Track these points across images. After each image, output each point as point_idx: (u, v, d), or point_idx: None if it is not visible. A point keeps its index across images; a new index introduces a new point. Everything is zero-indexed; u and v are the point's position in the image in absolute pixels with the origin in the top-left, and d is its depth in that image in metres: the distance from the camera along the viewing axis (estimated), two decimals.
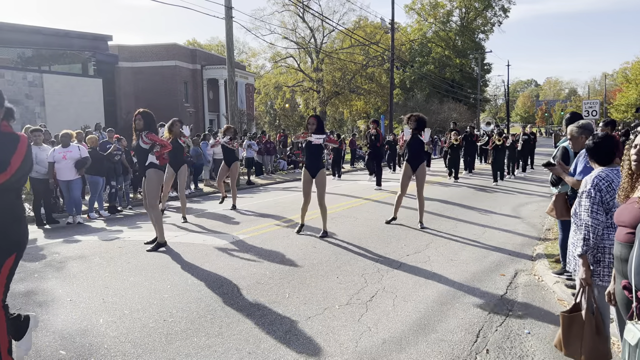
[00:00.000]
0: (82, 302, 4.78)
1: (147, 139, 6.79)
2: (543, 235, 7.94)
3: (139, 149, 6.88)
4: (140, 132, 6.83)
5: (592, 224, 3.14)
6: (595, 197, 3.15)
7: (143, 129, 6.82)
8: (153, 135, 6.89)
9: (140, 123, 6.81)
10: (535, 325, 4.30)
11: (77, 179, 9.27)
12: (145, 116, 6.87)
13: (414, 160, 8.53)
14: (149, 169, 6.86)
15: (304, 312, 4.46)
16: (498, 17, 56.38)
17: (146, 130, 6.81)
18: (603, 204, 3.16)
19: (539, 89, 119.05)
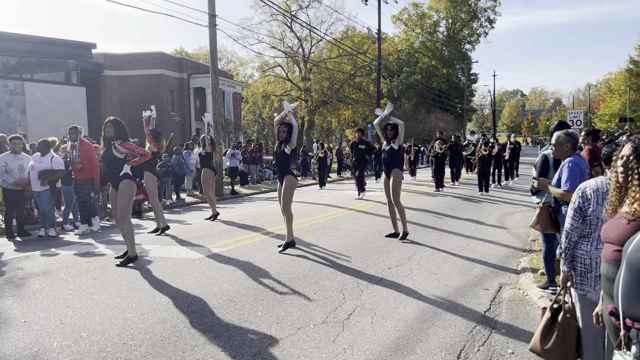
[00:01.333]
0: (38, 323, 4.45)
1: (122, 148, 6.58)
2: (528, 247, 7.76)
3: (112, 158, 6.60)
4: (113, 141, 6.59)
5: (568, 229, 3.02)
6: (574, 203, 3.01)
7: (114, 138, 6.61)
8: (130, 145, 6.70)
9: (111, 131, 6.59)
10: (520, 344, 4.08)
11: (45, 191, 8.87)
12: (117, 124, 6.66)
13: (387, 168, 8.36)
14: (123, 180, 6.59)
15: (277, 333, 4.20)
16: (484, 28, 57.03)
17: (119, 139, 6.60)
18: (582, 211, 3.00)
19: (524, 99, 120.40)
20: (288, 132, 7.46)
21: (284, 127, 7.51)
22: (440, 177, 16.17)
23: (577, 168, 4.44)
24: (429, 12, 55.93)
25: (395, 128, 8.34)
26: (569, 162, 4.50)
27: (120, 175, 6.60)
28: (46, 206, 8.86)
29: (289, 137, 7.47)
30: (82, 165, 9.04)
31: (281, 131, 7.46)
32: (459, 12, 55.06)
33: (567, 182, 4.40)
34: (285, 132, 7.44)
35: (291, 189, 7.47)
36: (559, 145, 4.62)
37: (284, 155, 7.46)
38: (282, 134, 7.45)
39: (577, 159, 4.57)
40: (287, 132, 7.45)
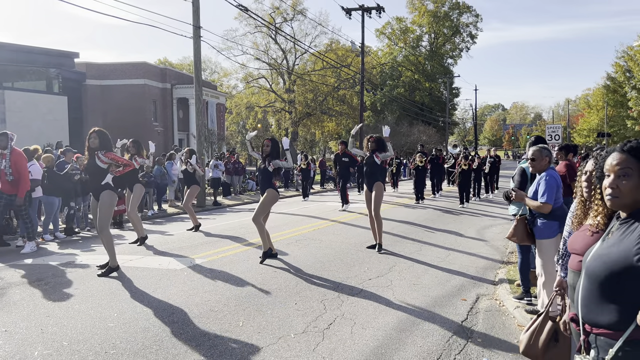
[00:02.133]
0: (19, 332, 4.45)
1: (105, 158, 6.66)
2: (506, 259, 7.94)
3: (95, 168, 6.67)
4: (96, 151, 6.66)
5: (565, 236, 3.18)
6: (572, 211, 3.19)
7: (99, 148, 6.68)
8: (114, 155, 6.80)
9: (95, 142, 6.66)
10: (494, 352, 4.21)
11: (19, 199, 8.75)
12: (101, 135, 6.73)
13: (369, 181, 8.44)
14: (104, 190, 6.64)
15: (257, 342, 4.26)
16: (466, 43, 58.12)
17: (103, 150, 6.68)
18: None
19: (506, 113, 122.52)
20: (272, 146, 7.55)
21: (268, 141, 7.62)
22: (420, 190, 16.38)
23: (554, 181, 4.66)
24: (412, 26, 56.84)
25: (378, 141, 8.47)
26: (545, 175, 4.71)
27: (102, 184, 6.64)
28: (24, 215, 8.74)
29: (273, 151, 7.54)
30: (13, 177, 8.23)
31: (265, 145, 7.57)
32: (441, 27, 56.06)
33: (544, 194, 4.60)
34: (269, 146, 7.54)
35: (269, 202, 7.51)
36: (539, 160, 4.82)
37: (266, 171, 7.53)
38: (266, 148, 7.55)
39: (554, 172, 4.79)
40: (271, 146, 7.54)
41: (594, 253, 2.03)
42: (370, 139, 8.57)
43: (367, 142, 8.57)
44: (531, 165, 4.88)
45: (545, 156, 4.82)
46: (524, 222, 4.96)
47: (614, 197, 1.98)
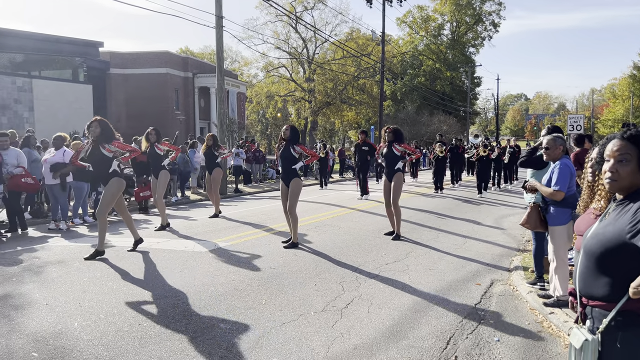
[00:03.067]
0: (59, 305, 4.80)
1: (111, 147, 6.76)
2: (522, 247, 8.06)
3: (100, 157, 6.78)
4: (100, 141, 6.76)
5: None
6: None
7: (99, 137, 6.76)
8: (119, 143, 6.87)
9: (96, 131, 6.75)
10: (505, 333, 4.38)
11: (56, 184, 9.21)
12: (102, 124, 6.82)
13: (390, 171, 8.55)
14: (112, 177, 6.80)
15: (279, 318, 4.52)
16: (488, 31, 57.35)
17: (105, 139, 6.77)
18: None
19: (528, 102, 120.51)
20: (292, 131, 7.69)
21: (288, 126, 7.77)
22: (440, 179, 16.45)
23: (568, 170, 4.80)
24: (434, 15, 56.28)
25: (395, 132, 8.59)
26: (560, 163, 4.85)
27: (109, 172, 6.79)
28: (61, 199, 9.19)
29: (293, 136, 7.66)
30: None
31: (286, 129, 7.70)
32: (463, 15, 55.37)
33: (557, 182, 4.74)
34: (289, 130, 7.66)
35: (297, 193, 7.65)
36: (553, 149, 4.96)
37: (291, 157, 7.61)
38: (286, 131, 7.66)
39: (567, 161, 4.92)
40: (290, 130, 7.66)
41: (592, 232, 2.21)
42: (387, 129, 8.71)
43: (384, 133, 8.73)
44: (545, 154, 5.02)
45: (559, 145, 4.95)
46: (537, 210, 5.11)
47: (613, 181, 2.15)
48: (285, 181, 7.70)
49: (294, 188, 7.61)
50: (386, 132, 8.67)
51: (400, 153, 8.50)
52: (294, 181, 7.61)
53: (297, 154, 7.63)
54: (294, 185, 7.61)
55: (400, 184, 8.50)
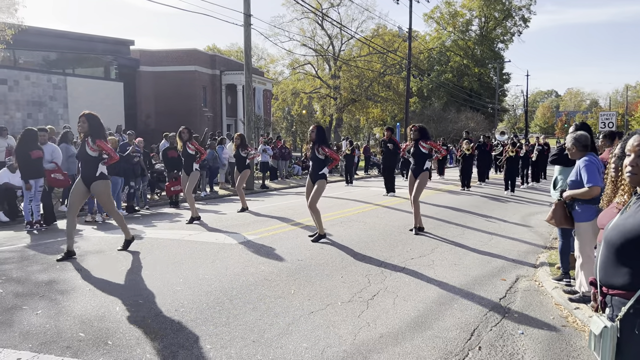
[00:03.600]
0: (100, 291, 5.10)
1: (94, 145, 6.26)
2: (549, 244, 8.04)
3: (86, 155, 6.32)
4: (86, 137, 6.30)
5: None
6: None
7: (88, 133, 6.27)
8: (102, 143, 6.29)
9: (84, 126, 6.25)
10: (530, 326, 4.46)
11: None
12: (90, 119, 6.30)
13: (417, 169, 8.65)
14: (98, 180, 6.36)
15: (307, 307, 4.70)
16: (518, 26, 56.30)
17: (92, 135, 6.27)
18: None
19: (559, 99, 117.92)
20: (317, 132, 7.82)
21: (313, 127, 7.92)
22: (466, 177, 16.38)
23: (593, 165, 4.88)
24: (462, 10, 55.56)
25: (421, 130, 8.65)
26: (583, 161, 4.91)
27: (96, 175, 6.36)
28: None
29: (318, 137, 7.77)
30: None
31: (312, 131, 7.84)
32: (492, 10, 54.52)
33: (588, 179, 4.82)
34: (314, 132, 7.80)
35: (321, 191, 7.85)
36: (570, 149, 5.11)
37: (318, 158, 7.78)
38: (312, 134, 7.81)
39: (591, 157, 4.97)
40: (316, 132, 7.80)
41: (612, 224, 2.30)
42: (412, 128, 8.78)
43: (410, 132, 8.82)
44: (569, 153, 5.14)
45: (574, 145, 5.10)
46: (563, 206, 5.16)
47: (633, 174, 2.24)
48: (313, 178, 7.92)
49: (319, 186, 7.81)
50: (412, 130, 8.76)
51: (428, 150, 8.58)
52: (320, 181, 7.81)
53: (322, 155, 7.77)
54: (319, 184, 7.81)
55: (424, 182, 8.64)
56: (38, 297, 4.92)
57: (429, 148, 8.61)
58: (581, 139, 5.03)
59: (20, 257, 6.66)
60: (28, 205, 8.78)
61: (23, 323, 4.24)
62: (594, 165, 4.86)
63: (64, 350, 3.70)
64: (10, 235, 8.30)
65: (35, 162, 8.66)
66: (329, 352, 3.77)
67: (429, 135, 8.70)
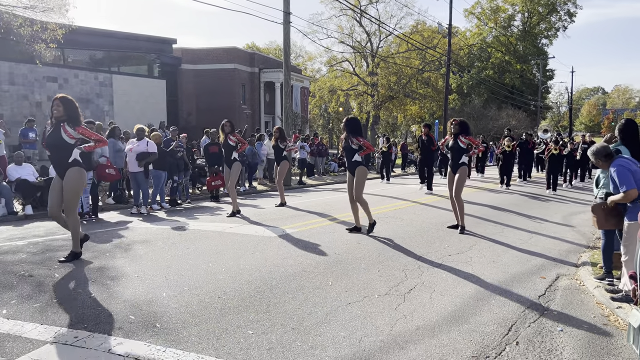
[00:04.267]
0: (148, 278, 5.36)
1: (75, 132, 5.79)
2: (592, 244, 7.86)
3: (59, 141, 5.78)
4: (62, 122, 5.78)
5: None
6: None
7: (64, 117, 5.77)
8: (84, 129, 5.88)
9: (59, 110, 5.75)
10: (569, 324, 4.41)
11: (140, 172, 10.01)
12: (66, 103, 5.78)
13: (455, 164, 8.56)
14: (72, 167, 5.81)
15: (345, 298, 4.81)
16: (563, 21, 54.53)
17: (69, 121, 5.79)
18: None
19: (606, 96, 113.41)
20: (348, 124, 7.98)
21: (345, 119, 8.12)
22: (507, 175, 16.09)
23: (623, 168, 4.94)
24: (504, 5, 54.22)
25: (462, 125, 8.59)
26: (613, 167, 4.97)
27: (69, 161, 5.82)
28: (143, 186, 10.00)
29: (350, 128, 7.93)
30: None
31: (345, 123, 8.06)
32: (536, 5, 52.98)
33: (621, 184, 4.84)
34: (347, 123, 8.00)
35: (362, 181, 7.97)
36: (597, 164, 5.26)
37: (351, 149, 7.97)
38: (345, 125, 8.02)
39: (619, 160, 5.02)
40: (346, 124, 7.98)
41: None
42: (453, 121, 8.74)
43: (450, 125, 8.79)
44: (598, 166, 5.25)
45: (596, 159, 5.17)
46: (601, 208, 5.16)
47: None
48: (351, 170, 8.03)
49: (359, 176, 7.92)
50: (452, 124, 8.72)
51: (466, 146, 8.50)
52: (358, 169, 7.92)
53: (356, 145, 7.91)
54: (358, 174, 7.92)
55: (464, 177, 8.53)
56: (90, 282, 5.22)
57: (468, 143, 8.52)
58: (600, 151, 5.19)
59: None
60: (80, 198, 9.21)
61: (78, 305, 4.53)
62: (625, 168, 4.94)
63: (116, 331, 3.94)
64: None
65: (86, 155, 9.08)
66: (366, 341, 3.86)
67: (470, 130, 8.64)
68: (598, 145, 5.22)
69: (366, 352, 3.68)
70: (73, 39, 19.63)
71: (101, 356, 3.51)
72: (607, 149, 5.10)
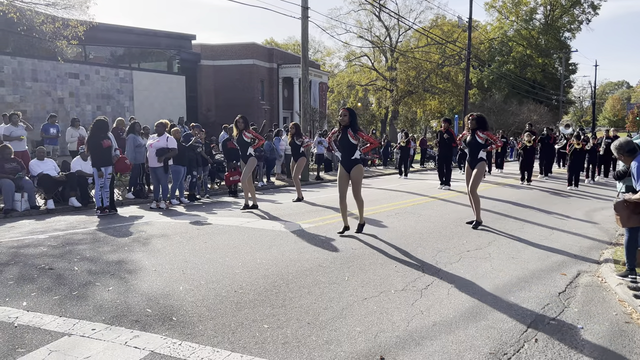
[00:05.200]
0: (165, 272, 5.41)
1: None
2: (615, 240, 7.68)
3: None
4: None
5: None
6: None
7: None
8: None
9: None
10: (590, 321, 4.32)
11: (160, 167, 10.10)
12: None
13: (472, 160, 8.44)
14: None
15: (361, 294, 4.78)
16: (587, 14, 53.36)
17: None
18: None
19: (631, 91, 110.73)
20: (351, 116, 7.28)
21: (345, 111, 7.33)
22: (527, 170, 15.82)
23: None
24: None
25: (479, 120, 8.46)
26: (634, 163, 4.88)
27: None
28: (163, 181, 10.11)
29: (352, 121, 7.24)
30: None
31: (342, 115, 7.30)
32: None
33: (638, 181, 4.74)
34: (347, 115, 7.25)
35: (359, 180, 7.36)
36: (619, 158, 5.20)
37: (350, 144, 7.22)
38: (344, 117, 7.24)
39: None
40: (348, 115, 7.26)
41: None
42: (471, 116, 8.61)
43: (467, 120, 8.66)
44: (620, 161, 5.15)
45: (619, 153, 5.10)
46: (624, 204, 5.05)
47: None
48: (346, 167, 7.35)
49: (356, 175, 7.32)
50: (469, 119, 8.59)
51: (484, 141, 8.38)
52: (356, 168, 7.29)
53: (356, 140, 7.23)
54: (355, 173, 7.31)
55: (481, 172, 8.41)
56: (109, 275, 5.29)
57: (485, 138, 8.40)
58: (623, 145, 5.09)
59: (92, 239, 7.15)
60: (99, 192, 9.36)
61: (96, 298, 4.59)
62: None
63: (133, 324, 3.98)
64: (82, 220, 8.90)
65: (105, 150, 9.22)
66: (382, 337, 3.83)
67: (487, 125, 8.50)
68: (622, 139, 5.12)
69: (382, 347, 3.65)
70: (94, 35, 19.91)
71: (117, 348, 3.55)
72: (630, 144, 4.99)
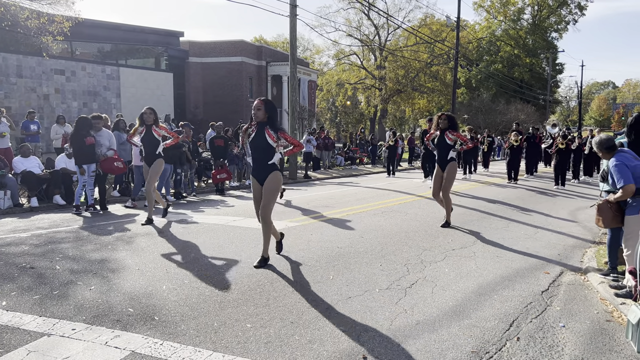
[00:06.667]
0: (148, 271, 5.36)
1: None
2: (598, 239, 7.77)
3: None
4: None
5: None
6: None
7: None
8: None
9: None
10: (572, 320, 4.36)
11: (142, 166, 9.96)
12: None
13: (442, 161, 8.22)
14: None
15: (346, 293, 4.78)
16: (573, 15, 53.82)
17: None
18: None
19: (616, 91, 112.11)
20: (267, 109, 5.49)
21: (260, 102, 5.47)
22: (514, 169, 15.94)
23: (620, 164, 4.96)
24: None
25: (450, 119, 8.21)
26: (612, 162, 4.97)
27: None
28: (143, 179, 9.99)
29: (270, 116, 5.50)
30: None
31: (256, 108, 5.43)
32: None
33: (618, 180, 4.88)
34: (261, 109, 5.44)
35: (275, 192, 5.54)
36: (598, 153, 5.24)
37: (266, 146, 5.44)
38: (258, 112, 5.42)
39: (618, 156, 5.02)
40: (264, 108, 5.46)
41: None
42: (441, 116, 8.28)
43: (437, 120, 8.27)
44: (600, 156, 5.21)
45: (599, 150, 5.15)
46: (608, 205, 5.09)
47: None
48: (259, 178, 5.56)
49: (271, 185, 5.49)
50: (441, 119, 8.23)
51: (453, 142, 8.21)
52: (271, 175, 5.50)
53: (275, 141, 5.45)
54: (270, 183, 5.49)
55: (453, 174, 8.21)
56: (91, 274, 5.23)
57: (454, 139, 8.22)
58: (603, 142, 5.19)
59: (75, 237, 7.06)
60: (80, 190, 9.23)
61: (77, 297, 4.53)
62: (622, 163, 4.94)
63: (114, 324, 3.94)
64: (66, 218, 8.79)
65: (88, 148, 9.11)
66: (365, 336, 3.83)
67: (457, 126, 8.44)
68: (603, 135, 5.17)
69: (365, 346, 3.65)
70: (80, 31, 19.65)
71: (97, 349, 3.51)
72: (610, 141, 5.05)
